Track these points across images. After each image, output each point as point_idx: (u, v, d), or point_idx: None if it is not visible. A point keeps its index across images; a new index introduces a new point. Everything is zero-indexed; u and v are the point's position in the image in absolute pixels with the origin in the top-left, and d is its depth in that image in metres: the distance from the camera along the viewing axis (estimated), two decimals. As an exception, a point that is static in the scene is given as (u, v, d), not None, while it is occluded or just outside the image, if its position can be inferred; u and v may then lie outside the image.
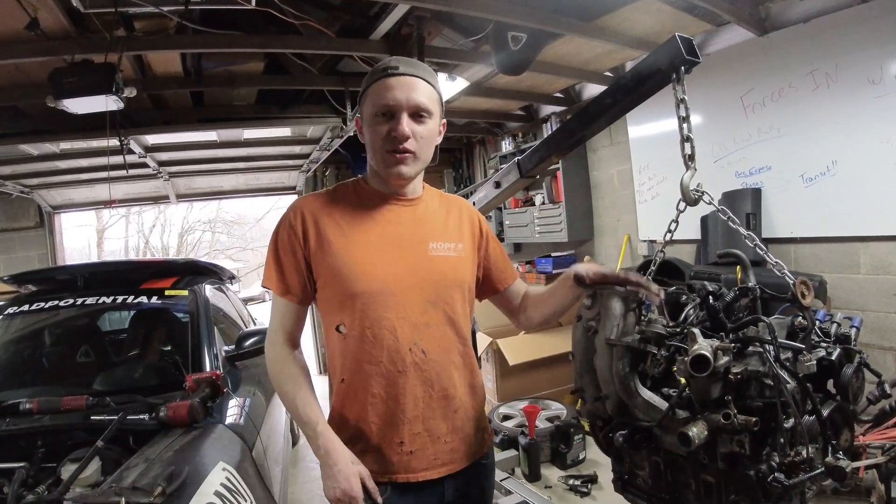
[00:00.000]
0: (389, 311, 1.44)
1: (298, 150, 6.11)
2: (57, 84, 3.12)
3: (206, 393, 2.03)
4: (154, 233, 21.22)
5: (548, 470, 3.99)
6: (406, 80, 1.41)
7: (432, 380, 1.47)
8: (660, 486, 1.36)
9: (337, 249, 1.45)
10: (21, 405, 2.10)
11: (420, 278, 1.48)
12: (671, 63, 1.46)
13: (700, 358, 1.12)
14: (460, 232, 1.61)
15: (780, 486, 1.10)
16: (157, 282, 3.06)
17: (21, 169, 5.63)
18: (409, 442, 1.45)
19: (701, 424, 1.15)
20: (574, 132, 1.94)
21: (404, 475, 1.46)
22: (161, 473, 1.42)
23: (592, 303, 1.37)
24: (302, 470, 4.64)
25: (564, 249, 5.83)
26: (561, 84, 5.11)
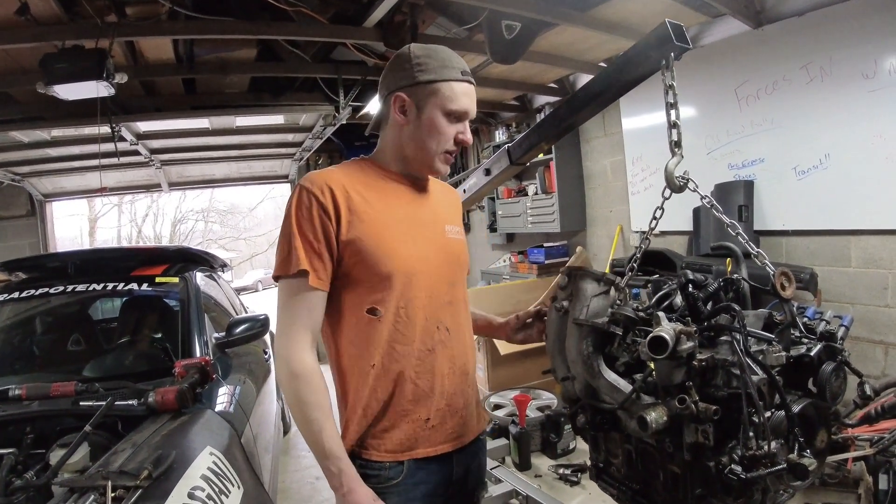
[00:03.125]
0: (421, 291, 1.44)
1: (291, 137, 6.11)
2: (48, 70, 3.10)
3: (195, 379, 2.02)
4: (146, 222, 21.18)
5: (538, 459, 4.00)
6: (473, 89, 1.46)
7: (455, 356, 1.50)
8: (631, 476, 1.36)
9: (370, 227, 1.40)
10: (10, 391, 2.09)
11: (442, 259, 1.51)
12: (661, 49, 1.45)
13: (658, 339, 1.11)
14: (458, 217, 1.68)
15: (736, 478, 1.10)
16: (147, 269, 3.04)
17: (11, 156, 5.59)
18: (434, 417, 1.47)
19: (661, 409, 1.14)
20: (564, 119, 1.94)
21: (423, 450, 1.46)
22: (148, 458, 1.42)
23: (566, 283, 1.38)
24: (293, 458, 4.65)
25: (557, 240, 5.85)
26: (555, 74, 5.10)
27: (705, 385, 1.16)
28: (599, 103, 1.78)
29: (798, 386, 1.27)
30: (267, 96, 4.79)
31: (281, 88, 4.76)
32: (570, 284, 1.39)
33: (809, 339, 1.33)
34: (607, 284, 1.34)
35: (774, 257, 3.64)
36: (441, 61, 1.43)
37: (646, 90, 1.63)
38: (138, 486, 1.27)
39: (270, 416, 3.14)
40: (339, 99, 4.54)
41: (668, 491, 1.27)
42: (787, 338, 1.29)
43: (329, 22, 3.57)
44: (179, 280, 2.94)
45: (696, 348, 1.14)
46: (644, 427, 1.13)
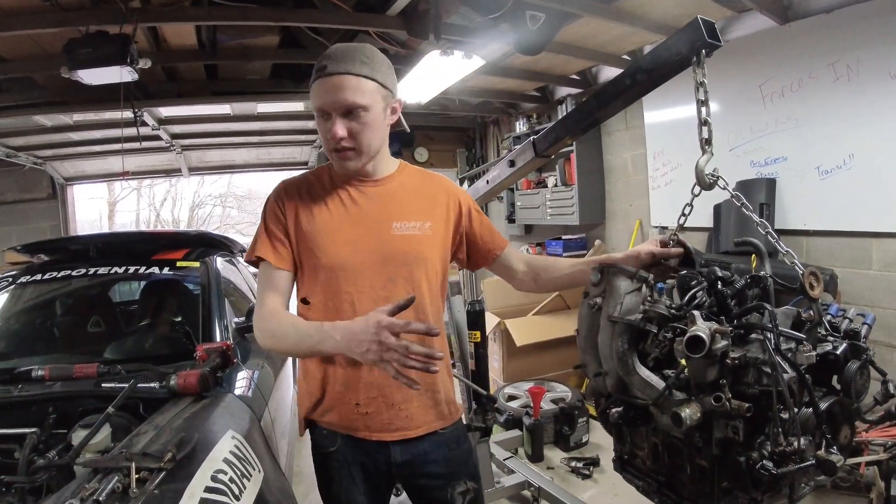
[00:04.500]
0: (350, 286, 1.54)
1: (311, 125, 6.08)
2: (72, 55, 3.13)
3: (217, 363, 2.03)
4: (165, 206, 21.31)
5: (551, 451, 4.03)
6: (335, 80, 1.44)
7: None
8: (657, 468, 1.37)
9: (306, 227, 1.56)
10: (33, 372, 2.12)
11: (381, 255, 1.56)
12: (692, 45, 1.44)
13: (695, 338, 1.12)
14: (431, 211, 1.66)
15: (767, 474, 1.11)
16: (168, 253, 3.06)
17: (34, 140, 5.68)
18: (365, 404, 1.57)
19: (694, 406, 1.15)
20: (591, 112, 1.92)
21: (361, 433, 1.59)
22: (171, 440, 1.43)
23: (599, 280, 1.38)
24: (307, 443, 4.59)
25: (575, 233, 5.82)
26: (577, 66, 5.07)
27: (737, 382, 1.17)
28: (628, 98, 1.77)
29: (822, 383, 1.26)
30: (288, 83, 4.80)
31: (303, 75, 4.75)
32: (602, 281, 1.38)
33: (835, 337, 1.32)
34: (640, 282, 1.34)
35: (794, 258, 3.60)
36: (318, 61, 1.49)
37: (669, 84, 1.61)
38: (162, 468, 1.28)
39: (287, 401, 3.16)
40: (360, 87, 4.53)
41: (694, 484, 1.27)
42: (813, 336, 1.28)
43: (352, 10, 3.57)
44: (200, 264, 2.95)
45: (729, 347, 1.15)
46: (678, 423, 1.13)
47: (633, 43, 4.32)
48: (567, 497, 3.07)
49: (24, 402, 1.98)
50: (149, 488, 1.21)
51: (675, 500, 1.33)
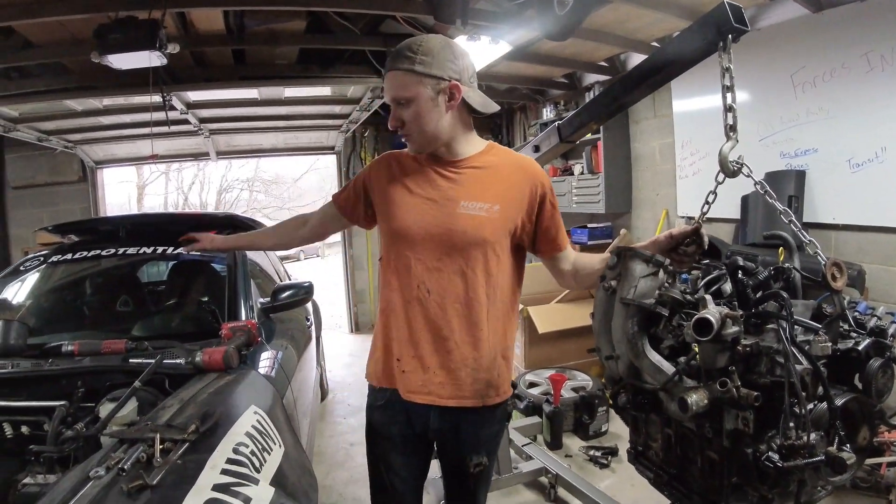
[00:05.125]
0: (409, 251, 1.71)
1: (338, 109, 6.12)
2: (102, 40, 3.17)
3: (241, 341, 2.08)
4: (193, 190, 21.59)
5: (570, 439, 4.03)
6: (388, 76, 1.67)
7: (430, 316, 1.69)
8: (669, 460, 1.37)
9: (387, 194, 1.78)
10: (63, 347, 2.19)
11: (443, 230, 1.69)
12: (719, 30, 1.42)
13: (703, 321, 1.12)
14: (505, 195, 1.72)
15: (772, 466, 1.09)
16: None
17: (65, 124, 5.77)
18: (404, 362, 1.72)
19: (702, 392, 1.15)
20: (616, 98, 1.91)
21: (403, 392, 1.73)
22: (195, 413, 1.47)
23: (615, 264, 1.38)
24: (329, 424, 4.77)
25: (601, 221, 5.77)
26: (606, 52, 4.99)
27: (748, 371, 1.16)
28: (653, 83, 1.75)
29: (844, 380, 1.25)
30: (315, 68, 4.80)
31: (329, 60, 4.77)
32: (618, 264, 1.39)
33: (859, 333, 1.31)
34: (656, 266, 1.34)
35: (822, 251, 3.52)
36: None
37: (699, 72, 1.59)
38: (185, 440, 1.32)
39: (310, 382, 3.21)
40: (386, 71, 4.52)
41: (704, 478, 1.27)
42: (834, 330, 1.26)
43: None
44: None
45: (741, 333, 1.14)
46: (684, 409, 1.13)
47: (662, 30, 4.24)
48: (584, 485, 3.07)
49: (53, 376, 2.04)
50: (172, 458, 1.25)
51: (685, 493, 1.33)
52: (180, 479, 1.20)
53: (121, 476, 1.19)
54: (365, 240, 7.96)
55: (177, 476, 1.21)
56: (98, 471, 1.23)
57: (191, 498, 1.14)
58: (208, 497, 1.16)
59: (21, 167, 7.09)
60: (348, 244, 8.19)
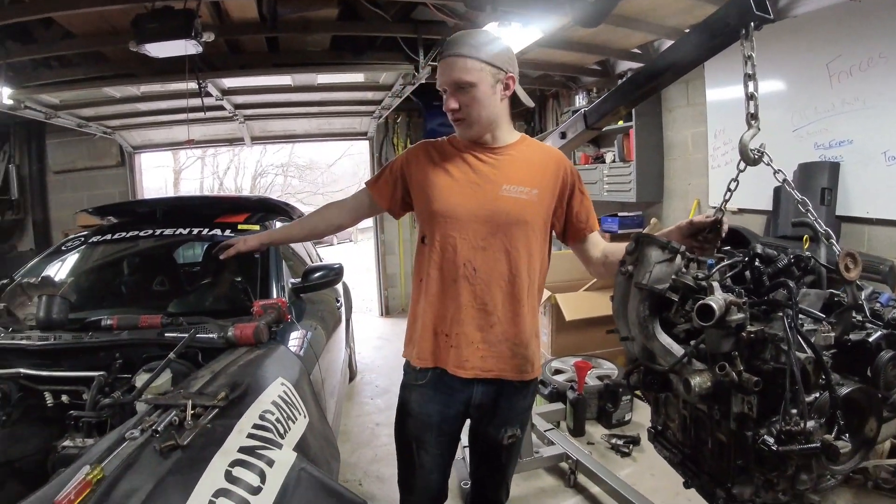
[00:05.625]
0: (455, 232, 1.80)
1: (371, 95, 6.16)
2: (139, 30, 3.29)
3: (272, 318, 2.18)
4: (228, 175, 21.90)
5: (592, 427, 4.05)
6: (448, 61, 1.74)
7: (476, 293, 1.80)
8: (684, 441, 1.40)
9: (428, 179, 1.86)
10: (102, 321, 2.32)
11: (487, 212, 1.79)
12: (741, 18, 1.43)
13: (705, 307, 1.16)
14: (541, 180, 1.85)
15: (766, 449, 1.12)
16: (230, 216, 3.22)
17: (104, 111, 5.93)
18: (452, 337, 1.82)
19: (706, 375, 1.19)
20: (640, 86, 1.93)
21: (448, 367, 1.82)
22: (225, 383, 1.56)
23: (633, 249, 1.41)
24: (356, 404, 4.86)
25: (632, 210, 5.73)
26: (638, 39, 4.93)
27: (754, 357, 1.18)
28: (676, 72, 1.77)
29: (856, 371, 1.25)
30: (348, 55, 4.84)
31: (361, 47, 4.81)
32: (636, 250, 1.42)
33: (875, 324, 1.31)
34: (672, 253, 1.36)
35: (855, 245, 3.47)
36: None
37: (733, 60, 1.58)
38: (215, 406, 1.40)
39: (338, 363, 3.29)
40: (418, 59, 4.55)
41: (714, 459, 1.30)
42: (846, 320, 1.27)
43: (411, -19, 3.59)
44: (260, 228, 3.08)
45: (746, 320, 1.16)
46: (688, 390, 1.17)
47: (696, 17, 4.18)
48: (603, 472, 3.08)
49: (93, 348, 2.14)
50: (202, 422, 1.33)
51: (696, 472, 1.36)
52: (209, 441, 1.28)
53: (154, 437, 1.28)
54: (396, 225, 8.03)
55: (206, 438, 1.29)
56: (133, 433, 1.31)
57: (218, 458, 1.22)
58: (234, 458, 1.24)
59: (62, 152, 7.35)
60: (380, 229, 8.29)
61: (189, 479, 1.15)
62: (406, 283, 8.36)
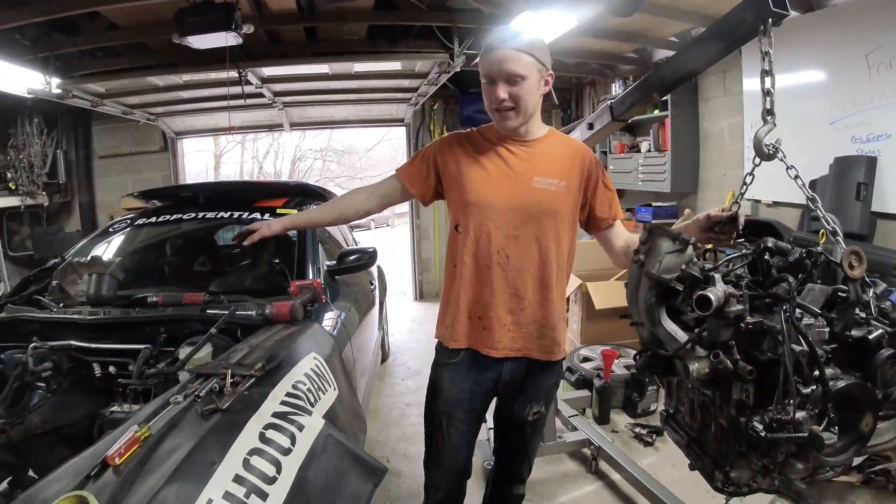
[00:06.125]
0: (488, 220, 1.88)
1: (407, 83, 6.24)
2: (181, 23, 3.45)
3: (307, 297, 2.30)
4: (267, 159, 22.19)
5: (617, 416, 4.08)
6: (501, 53, 1.77)
7: (508, 279, 1.89)
8: (691, 425, 1.46)
9: (461, 170, 1.94)
10: (148, 298, 2.48)
11: (519, 202, 1.88)
12: (758, 14, 1.45)
13: (703, 297, 1.23)
14: (568, 173, 1.93)
15: (755, 434, 1.18)
16: (269, 201, 3.32)
17: (148, 99, 6.17)
18: (485, 319, 1.91)
19: (704, 361, 1.26)
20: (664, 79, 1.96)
21: (481, 347, 1.93)
22: (261, 356, 1.68)
23: (646, 239, 1.47)
24: (387, 384, 5.00)
25: (666, 200, 5.71)
26: (675, 28, 4.90)
27: (753, 348, 1.24)
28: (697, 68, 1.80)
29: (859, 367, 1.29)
30: (384, 43, 4.93)
31: (397, 36, 4.88)
32: (648, 240, 1.48)
33: (880, 322, 1.34)
34: (682, 244, 1.42)
35: (891, 243, 3.43)
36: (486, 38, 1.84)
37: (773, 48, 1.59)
38: (252, 375, 1.52)
39: (370, 344, 3.39)
40: (454, 47, 4.60)
41: (716, 442, 1.36)
42: (849, 317, 1.30)
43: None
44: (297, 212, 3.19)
45: (745, 311, 1.22)
46: (686, 374, 1.24)
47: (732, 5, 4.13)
48: (625, 460, 3.12)
49: (139, 323, 2.29)
50: (240, 390, 1.46)
51: (700, 455, 1.43)
52: (246, 406, 1.40)
53: (196, 402, 1.40)
54: (432, 211, 8.11)
55: (243, 404, 1.41)
56: (177, 397, 1.44)
57: (253, 421, 1.34)
58: (268, 421, 1.36)
59: (107, 138, 7.66)
60: (415, 215, 8.40)
61: (227, 438, 1.27)
62: (440, 268, 8.45)
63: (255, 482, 1.20)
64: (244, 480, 1.19)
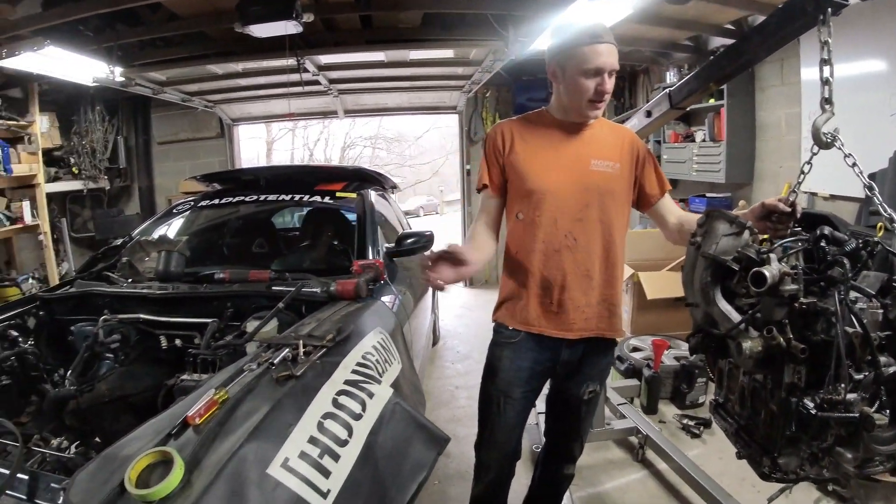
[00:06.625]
0: (553, 207, 1.93)
1: (461, 70, 6.28)
2: (243, 12, 3.58)
3: (370, 276, 2.40)
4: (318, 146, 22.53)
5: (665, 406, 4.07)
6: (606, 47, 1.82)
7: (579, 261, 1.95)
8: (741, 412, 1.49)
9: (521, 157, 1.98)
10: (215, 274, 2.62)
11: (580, 185, 1.94)
12: (817, 4, 1.46)
13: (758, 274, 1.26)
14: (620, 154, 2.00)
15: (805, 412, 1.21)
16: (329, 185, 3.44)
17: (207, 86, 6.39)
18: (558, 303, 1.97)
19: (758, 340, 1.28)
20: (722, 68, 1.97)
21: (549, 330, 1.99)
22: (330, 328, 1.77)
23: (704, 222, 1.51)
24: (438, 367, 5.10)
25: (721, 191, 5.61)
26: (731, 15, 4.78)
27: (806, 328, 1.27)
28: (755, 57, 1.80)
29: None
30: (438, 31, 4.96)
31: (451, 24, 4.90)
32: (706, 223, 1.53)
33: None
34: (739, 227, 1.45)
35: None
36: (574, 32, 1.86)
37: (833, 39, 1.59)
38: (323, 346, 1.62)
39: (423, 327, 3.48)
40: (507, 34, 4.58)
41: (765, 428, 1.39)
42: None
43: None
44: (357, 195, 3.29)
45: (799, 291, 1.25)
46: (739, 352, 1.27)
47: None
48: (672, 450, 3.11)
49: (207, 298, 2.41)
50: (312, 359, 1.54)
51: (747, 442, 1.45)
52: (319, 373, 1.49)
53: (270, 369, 1.49)
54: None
55: (316, 372, 1.50)
56: (251, 365, 1.54)
57: (326, 388, 1.43)
58: (340, 388, 1.45)
59: (165, 125, 7.99)
60: (467, 201, 8.46)
61: (302, 402, 1.36)
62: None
63: (329, 444, 1.28)
64: (318, 441, 1.27)
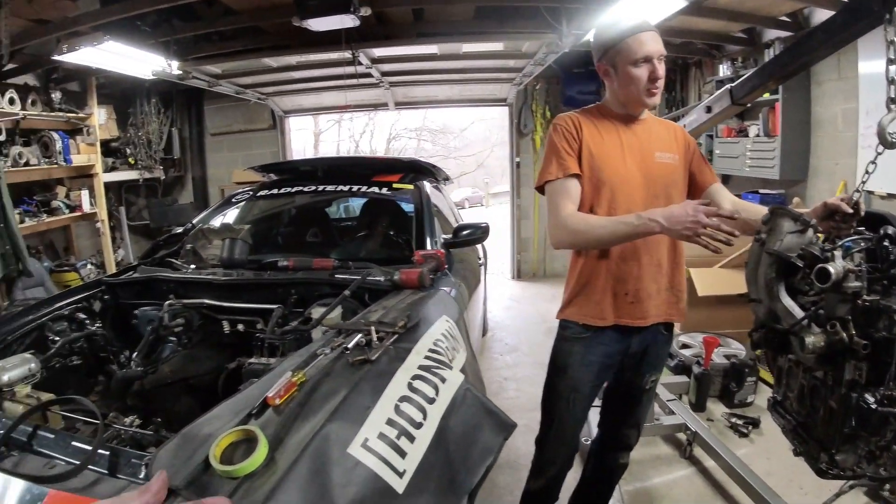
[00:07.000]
0: (625, 197, 1.95)
1: (512, 63, 6.29)
2: (302, 6, 3.68)
3: (432, 265, 2.44)
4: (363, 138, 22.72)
5: (714, 405, 4.04)
6: (654, 34, 1.88)
7: (651, 251, 1.98)
8: (800, 410, 1.52)
9: (593, 150, 1.98)
10: (279, 262, 2.68)
11: (648, 177, 1.99)
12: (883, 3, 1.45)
13: (823, 270, 1.29)
14: (676, 146, 2.07)
15: (866, 407, 1.23)
16: (385, 176, 3.48)
17: (260, 79, 6.57)
18: (632, 294, 2.00)
19: (820, 335, 1.31)
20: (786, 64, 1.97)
21: (627, 321, 2.01)
22: (399, 316, 1.83)
23: (768, 219, 1.54)
24: (486, 358, 5.13)
25: (774, 188, 5.48)
26: (787, 7, 4.69)
27: (868, 326, 1.29)
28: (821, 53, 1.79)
29: None
30: (491, 24, 4.95)
31: (504, 16, 4.89)
32: (770, 220, 1.55)
33: None
34: (803, 225, 1.48)
35: None
36: (617, 25, 1.92)
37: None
38: (395, 332, 1.67)
39: (477, 318, 3.51)
40: (561, 27, 4.55)
41: (823, 425, 1.42)
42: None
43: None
44: (413, 187, 3.33)
45: (862, 289, 1.27)
46: (802, 347, 1.29)
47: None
48: (721, 448, 3.08)
49: (272, 285, 2.49)
50: (385, 344, 1.60)
51: (805, 439, 1.48)
52: (393, 359, 1.55)
53: (345, 353, 1.55)
54: (532, 190, 8.13)
55: (390, 357, 1.56)
56: (325, 350, 1.60)
57: (401, 372, 1.49)
58: (414, 373, 1.50)
59: (219, 117, 8.24)
60: (516, 194, 8.48)
61: (379, 385, 1.41)
62: (539, 248, 8.54)
63: (405, 426, 1.34)
64: (395, 423, 1.32)
